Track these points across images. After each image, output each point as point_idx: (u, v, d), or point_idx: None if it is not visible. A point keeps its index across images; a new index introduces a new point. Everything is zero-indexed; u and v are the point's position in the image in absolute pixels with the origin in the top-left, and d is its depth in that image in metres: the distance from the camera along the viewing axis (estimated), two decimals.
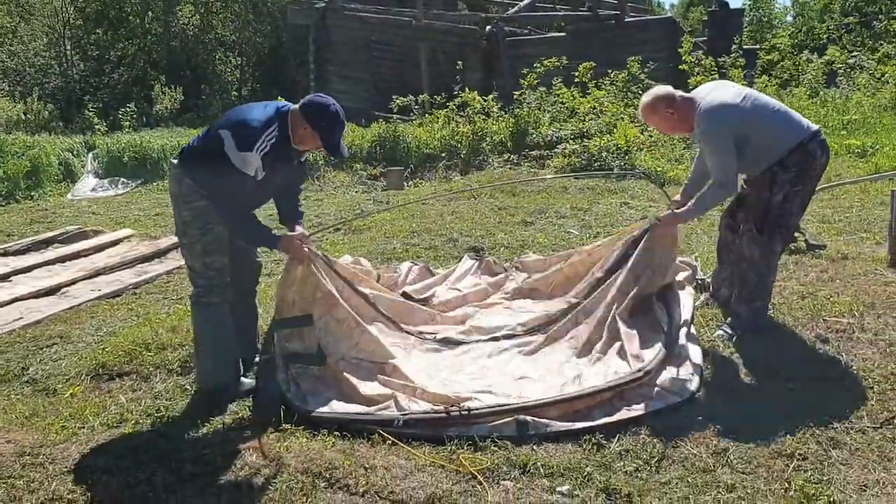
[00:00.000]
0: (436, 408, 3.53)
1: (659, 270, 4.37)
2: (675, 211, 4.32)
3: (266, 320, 4.53)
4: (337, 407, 3.69)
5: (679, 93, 4.16)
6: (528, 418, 3.40)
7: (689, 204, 4.24)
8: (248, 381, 4.01)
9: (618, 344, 4.05)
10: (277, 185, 3.95)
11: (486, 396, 3.69)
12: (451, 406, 3.50)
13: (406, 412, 3.52)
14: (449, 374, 4.09)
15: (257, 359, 4.25)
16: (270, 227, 3.96)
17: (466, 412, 3.45)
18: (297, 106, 3.73)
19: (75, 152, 12.58)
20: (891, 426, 3.27)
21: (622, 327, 4.11)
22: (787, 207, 4.08)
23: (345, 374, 3.88)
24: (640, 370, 3.69)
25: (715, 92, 4.13)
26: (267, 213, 4.52)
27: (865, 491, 2.86)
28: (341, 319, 4.07)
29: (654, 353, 3.86)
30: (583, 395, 3.57)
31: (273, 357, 4.11)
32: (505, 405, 3.51)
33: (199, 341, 3.95)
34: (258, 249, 4.23)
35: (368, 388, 3.81)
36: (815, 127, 4.11)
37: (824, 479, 2.92)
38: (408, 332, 4.51)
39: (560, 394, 3.61)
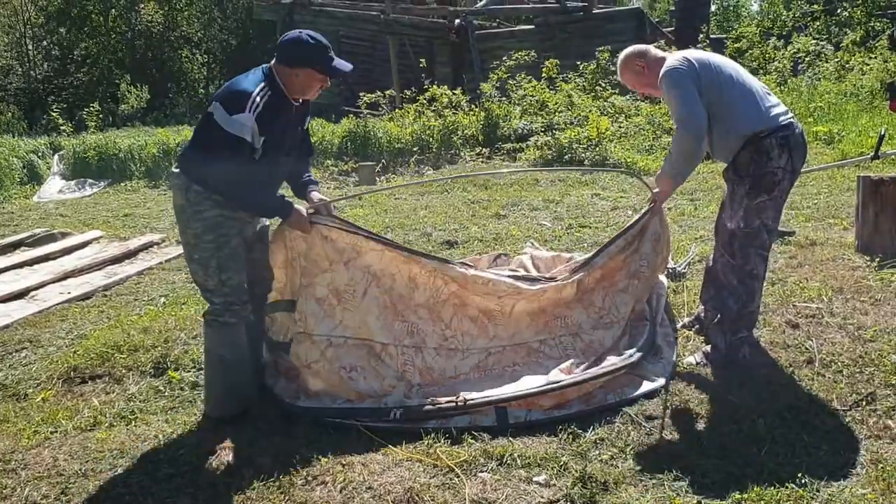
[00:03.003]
0: (429, 400, 3.52)
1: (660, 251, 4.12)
2: (652, 179, 3.96)
3: None
4: (326, 401, 3.62)
5: (657, 50, 3.92)
6: (507, 406, 3.42)
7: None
8: None
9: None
10: (290, 160, 3.70)
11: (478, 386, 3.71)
12: (447, 399, 3.50)
13: (401, 405, 3.50)
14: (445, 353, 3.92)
15: None
16: (285, 197, 3.68)
17: (462, 403, 3.45)
18: (273, 61, 3.49)
19: (40, 154, 12.38)
20: (859, 408, 3.33)
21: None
22: (755, 224, 3.67)
23: (337, 369, 3.64)
24: (628, 357, 3.72)
25: (686, 52, 3.82)
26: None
27: (835, 472, 2.90)
28: (320, 298, 3.72)
29: (640, 342, 3.88)
30: (577, 383, 3.55)
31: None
32: (499, 395, 3.50)
33: (211, 364, 3.66)
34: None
35: (361, 383, 3.64)
36: (784, 120, 3.63)
37: (795, 461, 2.97)
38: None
39: (551, 382, 3.58)
